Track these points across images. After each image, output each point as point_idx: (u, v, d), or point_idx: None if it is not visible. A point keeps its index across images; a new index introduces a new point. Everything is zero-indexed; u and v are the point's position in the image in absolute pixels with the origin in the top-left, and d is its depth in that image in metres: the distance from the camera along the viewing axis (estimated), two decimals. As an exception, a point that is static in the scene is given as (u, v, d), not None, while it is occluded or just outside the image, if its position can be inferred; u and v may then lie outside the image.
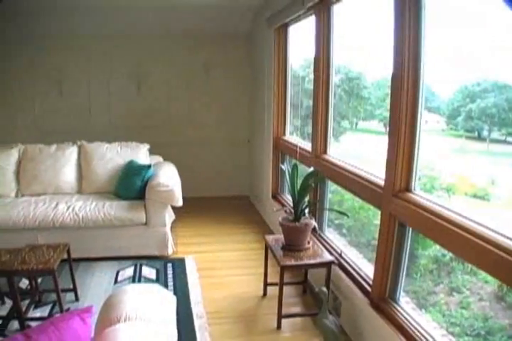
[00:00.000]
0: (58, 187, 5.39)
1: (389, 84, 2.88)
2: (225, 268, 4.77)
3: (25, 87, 6.89)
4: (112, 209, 4.85)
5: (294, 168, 3.85)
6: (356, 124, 4.83)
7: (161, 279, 4.50)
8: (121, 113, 7.09)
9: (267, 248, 4.00)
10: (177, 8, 6.08)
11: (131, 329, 1.89)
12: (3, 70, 6.76)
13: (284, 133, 5.70)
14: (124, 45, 6.89)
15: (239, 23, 6.69)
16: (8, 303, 4.00)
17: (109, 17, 6.28)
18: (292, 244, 3.70)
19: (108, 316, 2.01)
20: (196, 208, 6.48)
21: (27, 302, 3.90)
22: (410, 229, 2.88)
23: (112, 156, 5.53)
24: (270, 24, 5.45)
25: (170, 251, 4.98)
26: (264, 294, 4.16)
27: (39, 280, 4.27)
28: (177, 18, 6.40)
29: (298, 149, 4.63)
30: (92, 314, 2.01)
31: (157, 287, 2.49)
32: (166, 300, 2.29)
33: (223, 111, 7.30)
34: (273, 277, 4.06)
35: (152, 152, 5.87)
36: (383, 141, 3.04)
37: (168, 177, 5.07)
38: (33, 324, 3.65)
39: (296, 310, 3.95)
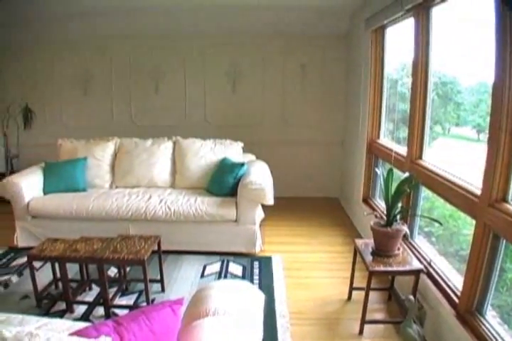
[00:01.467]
0: (151, 181, 5.58)
1: (483, 89, 2.79)
2: (312, 269, 4.77)
3: (122, 83, 7.21)
4: (203, 204, 4.96)
5: (390, 172, 3.78)
6: (449, 130, 4.70)
7: (247, 276, 4.56)
8: (216, 111, 7.24)
9: (356, 252, 3.97)
10: (274, 8, 6.14)
11: (219, 323, 1.94)
12: (103, 67, 7.13)
13: (378, 137, 5.62)
14: (220, 44, 7.04)
15: (336, 24, 6.67)
16: (95, 290, 4.22)
17: (204, 17, 6.45)
18: (382, 250, 3.65)
19: (197, 309, 2.07)
20: (285, 208, 6.50)
21: (114, 289, 4.07)
22: (504, 241, 2.79)
23: (206, 153, 5.64)
24: (368, 26, 5.39)
25: (257, 249, 5.05)
26: (349, 298, 4.13)
27: (128, 269, 4.45)
28: (274, 18, 6.47)
29: (393, 153, 4.56)
30: (182, 306, 2.07)
31: (247, 284, 2.53)
32: (255, 297, 2.33)
33: (317, 111, 7.25)
34: (359, 281, 4.04)
35: (245, 150, 5.93)
36: (476, 148, 2.95)
37: (261, 176, 5.11)
38: (118, 311, 3.84)
39: (380, 316, 3.89)
